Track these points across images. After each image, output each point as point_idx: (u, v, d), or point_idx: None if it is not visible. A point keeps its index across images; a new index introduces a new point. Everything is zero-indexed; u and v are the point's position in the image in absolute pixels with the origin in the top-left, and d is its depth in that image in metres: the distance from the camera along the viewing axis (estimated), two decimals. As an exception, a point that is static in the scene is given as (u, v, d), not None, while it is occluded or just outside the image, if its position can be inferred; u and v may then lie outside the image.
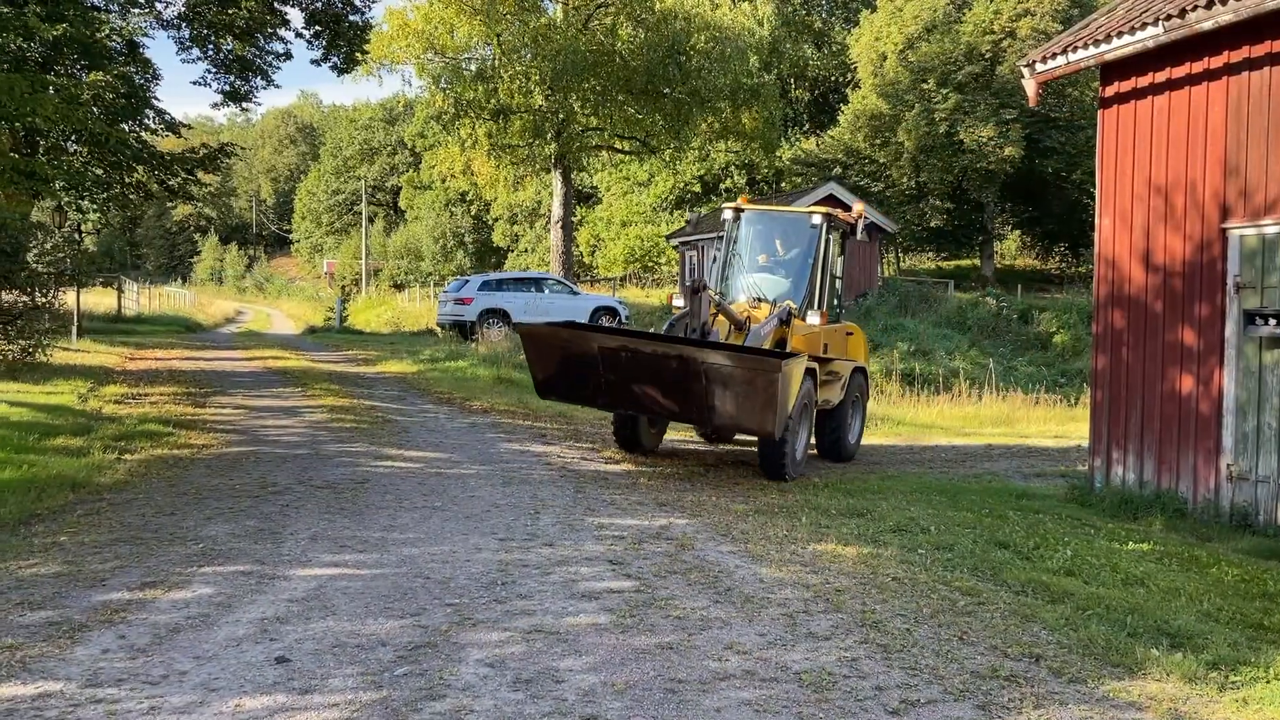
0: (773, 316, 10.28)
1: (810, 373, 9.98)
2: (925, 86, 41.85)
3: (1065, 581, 6.25)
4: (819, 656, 4.67)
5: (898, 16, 44.79)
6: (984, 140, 40.00)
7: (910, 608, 5.54)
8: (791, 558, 6.60)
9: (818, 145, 49.05)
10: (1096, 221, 9.69)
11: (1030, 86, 9.74)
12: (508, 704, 3.99)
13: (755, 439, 10.53)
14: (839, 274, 11.88)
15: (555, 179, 33.31)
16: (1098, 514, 8.89)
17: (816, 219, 11.07)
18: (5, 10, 15.91)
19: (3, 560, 5.87)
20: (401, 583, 5.63)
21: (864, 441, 13.87)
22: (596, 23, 31.31)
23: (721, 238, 11.84)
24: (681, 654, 4.63)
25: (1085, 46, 9.16)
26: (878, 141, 44.47)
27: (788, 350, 9.83)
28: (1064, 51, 9.33)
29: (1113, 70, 9.33)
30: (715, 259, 12.03)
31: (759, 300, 10.97)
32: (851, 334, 12.03)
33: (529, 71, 29.89)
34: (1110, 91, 9.42)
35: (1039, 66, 9.55)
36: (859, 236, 11.75)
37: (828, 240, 11.11)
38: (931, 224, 46.05)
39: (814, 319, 10.66)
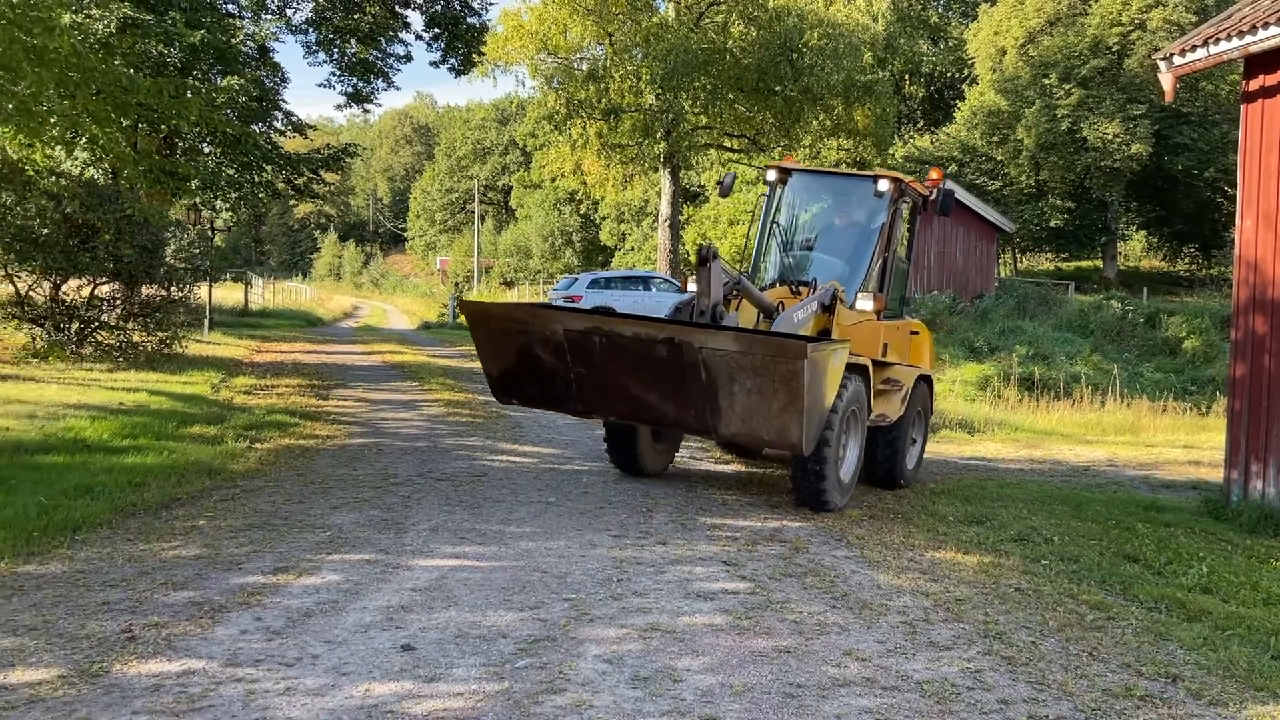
0: (811, 299, 8.17)
1: (859, 372, 7.93)
2: (1047, 82, 40.49)
3: (1201, 599, 5.97)
4: (941, 667, 4.57)
5: (1019, 10, 43.46)
6: (1109, 137, 38.49)
7: (1035, 620, 5.38)
8: (909, 564, 6.48)
9: (932, 143, 47.98)
10: (1237, 222, 9.21)
11: (1167, 80, 9.32)
12: (626, 700, 4.02)
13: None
14: (907, 256, 9.88)
15: (664, 177, 33.38)
16: (1234, 529, 8.46)
17: (884, 185, 8.80)
18: (148, 18, 16.76)
19: (148, 541, 6.19)
20: (520, 576, 5.72)
21: (977, 449, 13.50)
22: (708, 21, 31.24)
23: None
24: (799, 658, 4.59)
25: (1229, 38, 8.72)
26: (995, 139, 43.25)
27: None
28: (1205, 44, 8.90)
29: (1258, 63, 8.86)
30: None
31: (800, 285, 8.76)
32: (917, 333, 9.95)
33: (640, 71, 30.01)
34: (1255, 85, 8.94)
35: (1177, 60, 9.13)
36: (935, 210, 9.12)
37: (895, 213, 9.00)
38: (1051, 223, 44.53)
39: (866, 304, 8.42)
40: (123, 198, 15.50)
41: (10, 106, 10.10)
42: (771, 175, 9.51)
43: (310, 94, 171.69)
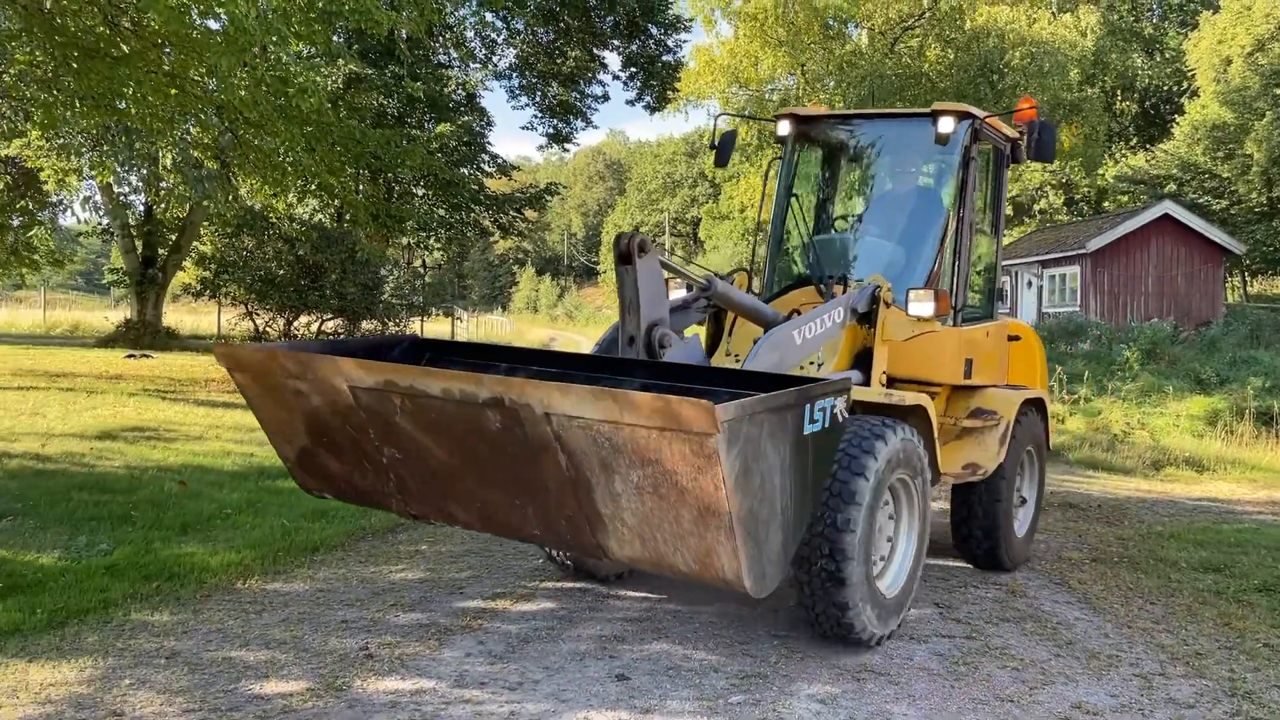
0: (834, 304, 5.64)
1: (908, 416, 5.47)
2: (1279, 92, 37.39)
3: None
4: (1183, 727, 4.26)
5: (1245, 16, 40.43)
6: (1355, 147, 35.10)
7: (1290, 681, 4.93)
8: (1139, 613, 6.08)
9: (1147, 161, 45.16)
10: None
11: None
12: (844, 744, 3.95)
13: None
14: (994, 229, 7.19)
15: (858, 206, 32.96)
16: None
17: (947, 124, 6.29)
18: (370, 72, 18.07)
19: (377, 564, 6.60)
20: (728, 610, 5.75)
21: (1208, 489, 12.53)
22: (903, 46, 30.74)
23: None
24: (1023, 709, 4.39)
25: None
26: (1220, 154, 40.24)
27: (870, 374, 5.74)
28: None
29: None
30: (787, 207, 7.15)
31: (830, 280, 6.39)
32: (1019, 338, 7.38)
33: (833, 99, 29.80)
34: None
35: None
36: (1029, 154, 6.61)
37: (969, 166, 6.42)
38: (1287, 243, 40.92)
39: (922, 306, 5.91)
40: (348, 240, 16.72)
41: (259, 160, 11.16)
42: (784, 128, 6.99)
43: (512, 134, 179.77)
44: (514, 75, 24.14)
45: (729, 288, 5.73)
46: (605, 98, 27.60)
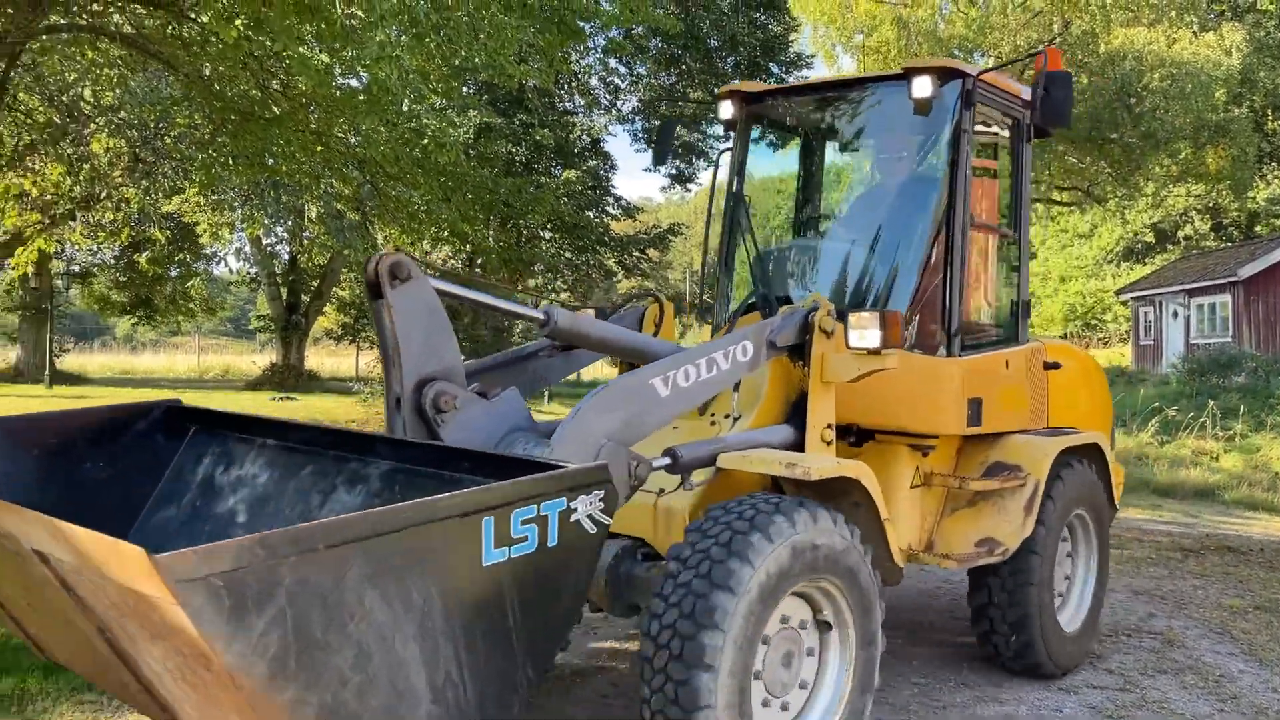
0: (742, 334, 4.24)
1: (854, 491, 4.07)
2: None
3: None
4: (1368, 793, 3.96)
5: None
6: None
7: None
8: (1312, 667, 5.68)
9: (1303, 181, 42.63)
10: None
11: None
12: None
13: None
14: (1013, 222, 5.55)
15: (988, 237, 32.15)
16: None
17: (924, 86, 4.82)
18: (500, 121, 18.70)
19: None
20: (864, 656, 5.62)
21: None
22: (1031, 73, 30.03)
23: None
24: (1186, 768, 4.15)
25: None
26: (1385, 171, 37.71)
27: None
28: None
29: None
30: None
31: (779, 302, 4.99)
32: (1057, 365, 5.60)
33: (960, 130, 29.31)
34: None
35: None
36: (1038, 118, 5.11)
37: (960, 137, 4.92)
38: None
39: (865, 336, 4.31)
40: (479, 285, 17.26)
41: (397, 210, 11.69)
42: (727, 111, 5.69)
43: (634, 176, 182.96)
44: (636, 119, 24.59)
45: (583, 321, 4.31)
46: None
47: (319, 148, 11.35)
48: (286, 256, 26.55)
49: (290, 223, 19.79)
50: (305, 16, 8.36)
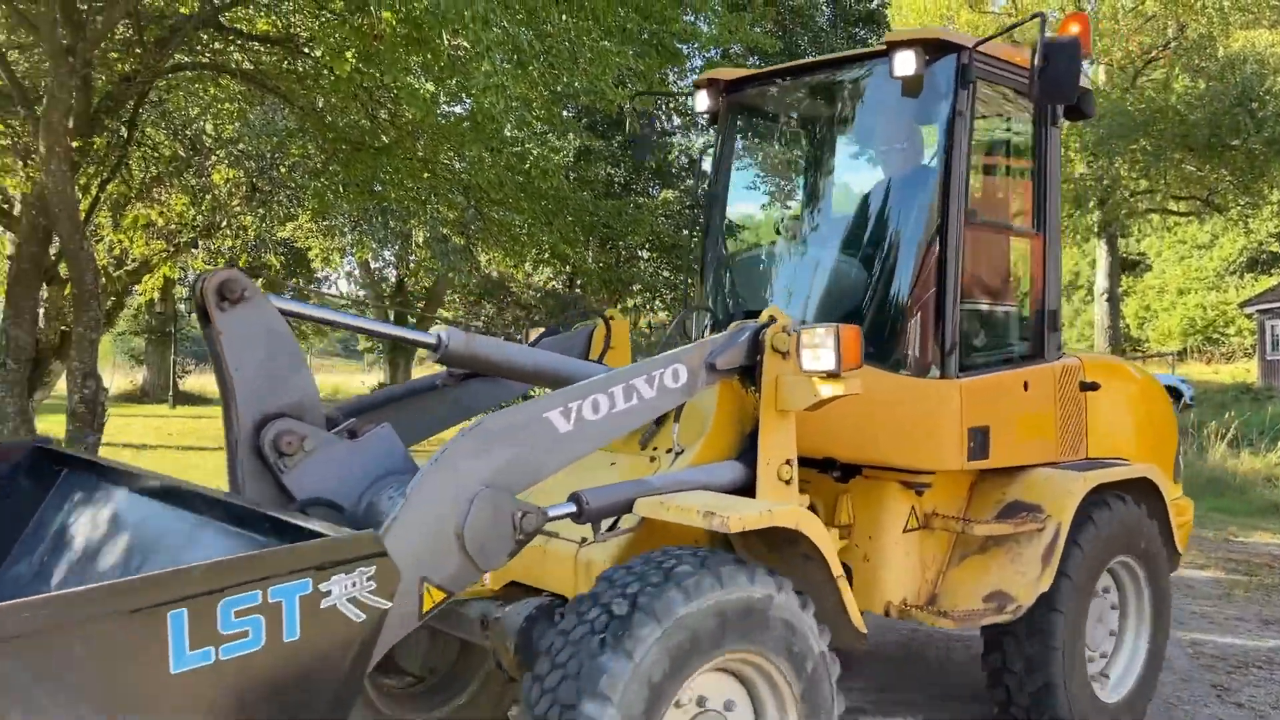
0: (674, 356, 3.68)
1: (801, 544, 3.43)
2: None
3: None
4: None
5: None
6: None
7: None
8: None
9: None
10: None
11: None
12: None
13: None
14: (1037, 218, 4.75)
15: (1099, 249, 31.12)
16: None
17: (906, 62, 4.20)
18: (599, 144, 18.94)
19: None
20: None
21: None
22: (1145, 79, 28.99)
23: None
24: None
25: None
26: None
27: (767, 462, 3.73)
28: None
29: None
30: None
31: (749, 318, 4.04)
32: (1095, 386, 4.87)
33: (1067, 140, 28.47)
34: None
35: None
36: (1036, 91, 3.96)
37: (956, 126, 4.25)
38: None
39: (817, 356, 3.63)
40: (579, 304, 17.47)
41: (500, 233, 11.98)
42: (704, 102, 5.13)
43: (732, 193, 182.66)
44: (734, 137, 24.55)
45: (482, 343, 3.66)
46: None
47: (425, 174, 11.70)
48: (394, 279, 27.36)
49: (397, 247, 20.39)
50: (413, 48, 8.64)
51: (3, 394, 10.21)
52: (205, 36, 11.47)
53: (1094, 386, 4.84)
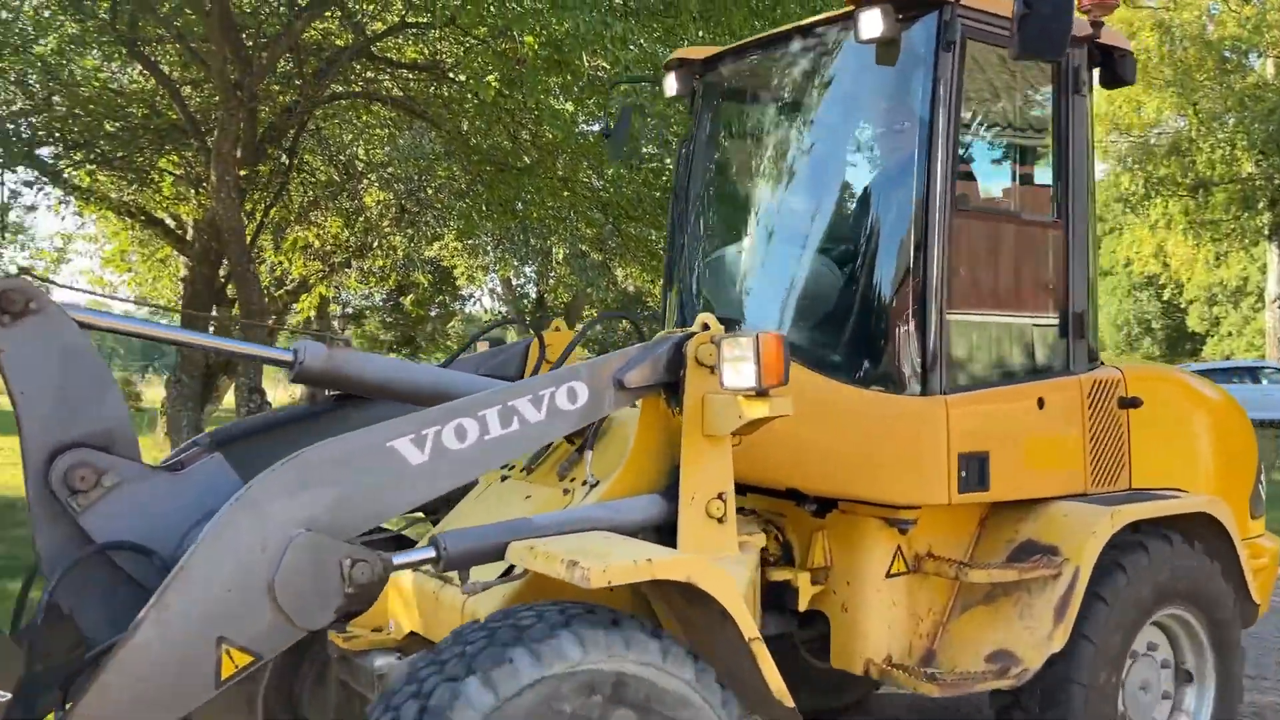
0: (566, 374, 3.11)
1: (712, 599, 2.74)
2: None
3: None
4: None
5: None
6: None
7: None
8: None
9: None
10: None
11: None
12: None
13: None
14: (1059, 210, 3.94)
15: (1270, 252, 29.18)
16: None
17: (872, 22, 3.54)
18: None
19: None
20: None
21: None
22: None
23: None
24: None
25: None
26: None
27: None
28: None
29: None
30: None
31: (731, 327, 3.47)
32: (1138, 403, 4.00)
33: (1234, 138, 26.84)
34: None
35: None
36: (1015, 44, 3.30)
37: (937, 87, 3.55)
38: None
39: (737, 371, 3.00)
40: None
41: (637, 249, 12.15)
42: (674, 86, 4.56)
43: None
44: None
45: (346, 358, 3.28)
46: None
47: (565, 193, 11.97)
48: (534, 295, 28.03)
49: (538, 264, 20.90)
50: (554, 70, 8.86)
51: (178, 407, 10.94)
52: (358, 66, 12.05)
53: (1135, 403, 4.00)
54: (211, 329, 11.72)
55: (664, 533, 3.10)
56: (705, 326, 3.21)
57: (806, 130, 4.25)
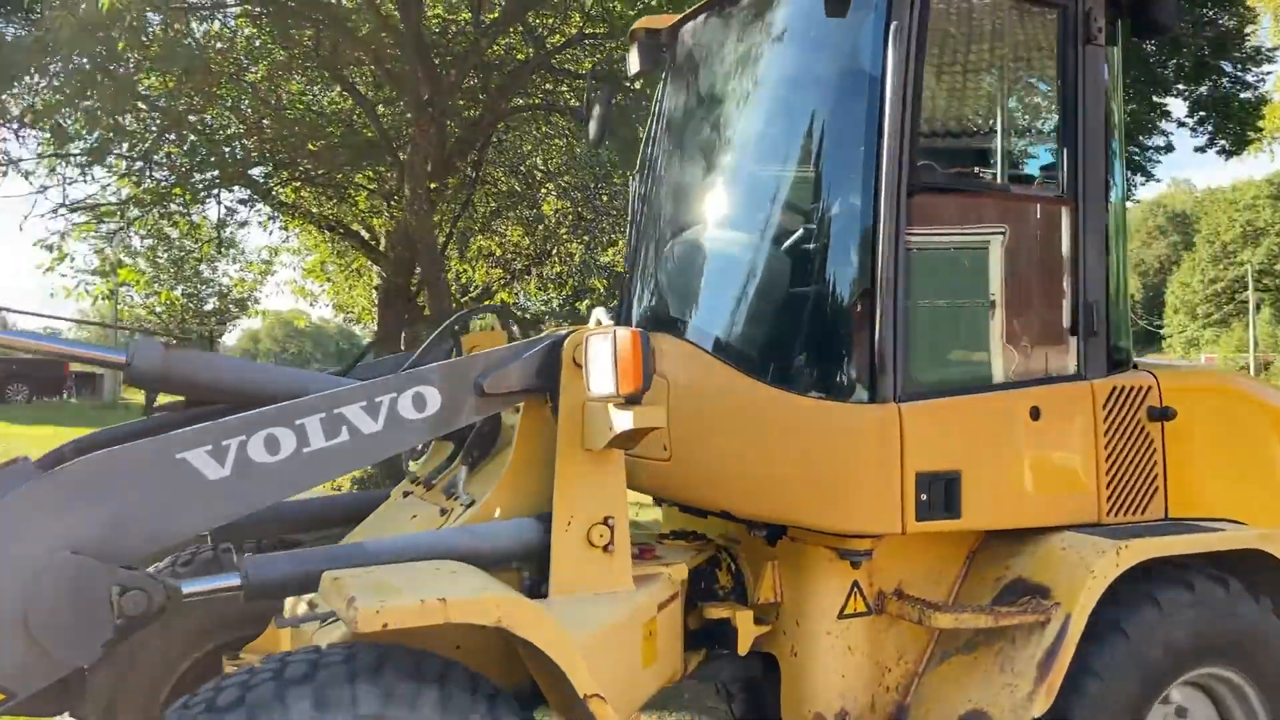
0: (416, 376, 2.73)
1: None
2: None
3: None
4: None
5: None
6: None
7: None
8: None
9: None
10: None
11: None
12: None
13: None
14: (1076, 194, 3.29)
15: None
16: None
17: None
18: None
19: None
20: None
21: None
22: None
23: None
24: None
25: None
26: None
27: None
28: None
29: None
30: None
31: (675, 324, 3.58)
32: (1169, 415, 3.28)
33: None
34: None
35: None
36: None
37: (889, 40, 2.91)
38: None
39: (597, 376, 2.60)
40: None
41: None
42: (635, 63, 4.06)
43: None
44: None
45: (183, 359, 3.03)
46: (1168, 148, 25.03)
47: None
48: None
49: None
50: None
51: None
52: (537, 79, 12.40)
53: (1168, 414, 3.29)
54: (403, 334, 12.34)
55: (544, 560, 2.72)
56: (598, 323, 2.88)
57: (755, 102, 3.70)
